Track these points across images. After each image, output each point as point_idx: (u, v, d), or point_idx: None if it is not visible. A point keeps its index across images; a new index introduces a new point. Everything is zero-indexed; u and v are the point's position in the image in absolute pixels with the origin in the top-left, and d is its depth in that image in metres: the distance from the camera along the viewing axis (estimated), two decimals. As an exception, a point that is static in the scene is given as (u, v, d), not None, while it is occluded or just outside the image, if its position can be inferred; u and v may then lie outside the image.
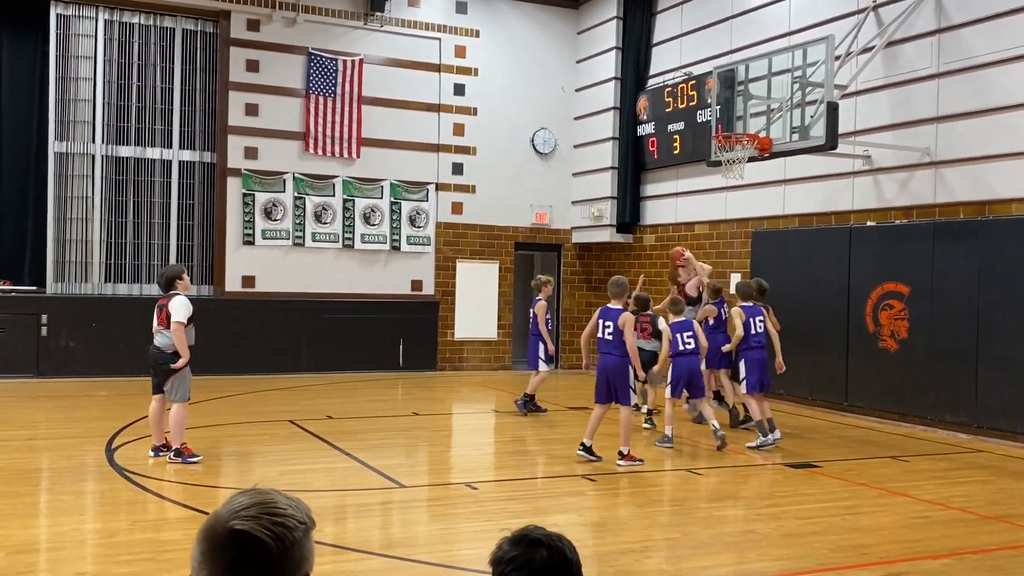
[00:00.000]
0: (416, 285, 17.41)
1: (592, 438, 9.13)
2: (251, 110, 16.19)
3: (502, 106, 17.93)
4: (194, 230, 16.36)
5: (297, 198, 16.45)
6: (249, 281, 16.21)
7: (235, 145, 16.11)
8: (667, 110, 16.48)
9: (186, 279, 8.86)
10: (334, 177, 16.74)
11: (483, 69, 17.80)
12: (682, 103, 16.13)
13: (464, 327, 17.72)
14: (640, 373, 9.35)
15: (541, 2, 18.28)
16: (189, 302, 8.64)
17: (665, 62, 16.86)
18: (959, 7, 11.61)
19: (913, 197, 12.19)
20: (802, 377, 13.34)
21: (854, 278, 12.67)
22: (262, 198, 16.22)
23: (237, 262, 16.14)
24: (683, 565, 5.98)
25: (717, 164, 12.62)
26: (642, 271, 16.65)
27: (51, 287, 15.45)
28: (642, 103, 17.16)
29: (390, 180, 17.13)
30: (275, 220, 16.32)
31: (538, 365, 12.38)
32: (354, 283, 16.89)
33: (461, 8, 17.65)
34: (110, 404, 12.26)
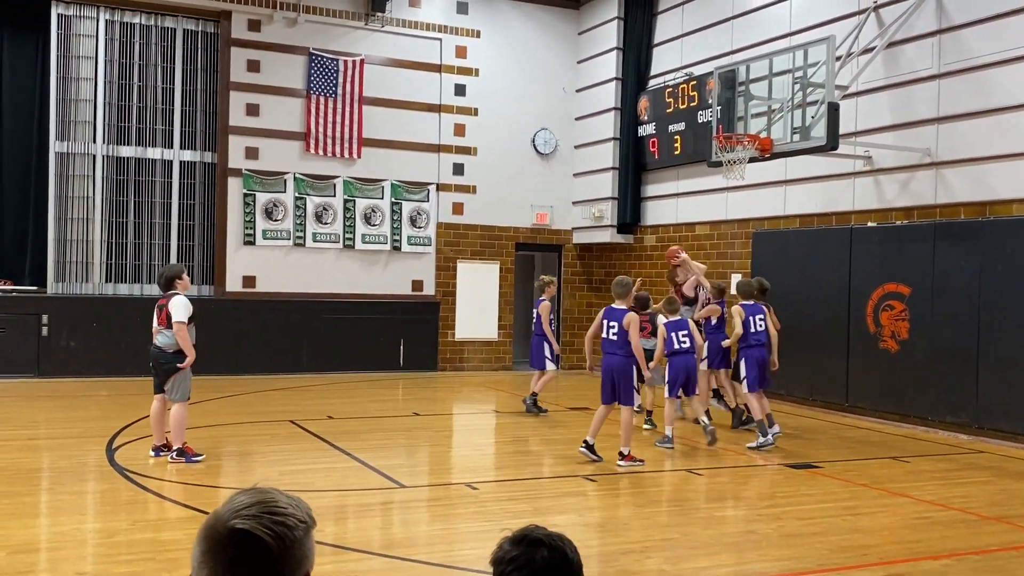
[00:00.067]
0: (417, 285, 17.42)
1: (595, 437, 9.14)
2: (252, 110, 16.20)
3: (503, 106, 17.93)
4: (195, 230, 16.37)
5: (298, 198, 16.45)
6: (250, 281, 16.22)
7: (236, 145, 16.12)
8: (668, 111, 16.48)
9: (186, 279, 8.88)
10: (335, 177, 16.74)
11: (484, 69, 17.80)
12: (683, 103, 16.13)
13: (465, 327, 17.72)
14: (646, 373, 9.37)
15: (542, 3, 18.29)
16: (189, 302, 8.65)
17: (666, 62, 16.86)
18: (960, 8, 11.61)
19: (914, 198, 12.19)
20: (803, 378, 13.35)
21: (855, 279, 12.67)
22: (263, 198, 16.23)
23: (238, 262, 16.15)
24: (683, 565, 5.97)
25: (718, 165, 12.62)
26: (643, 272, 16.67)
27: (52, 287, 15.47)
28: (643, 103, 17.16)
29: (391, 180, 17.13)
30: (276, 220, 16.33)
31: (544, 364, 12.40)
32: (355, 283, 16.89)
33: (462, 8, 17.66)
34: (110, 404, 12.26)
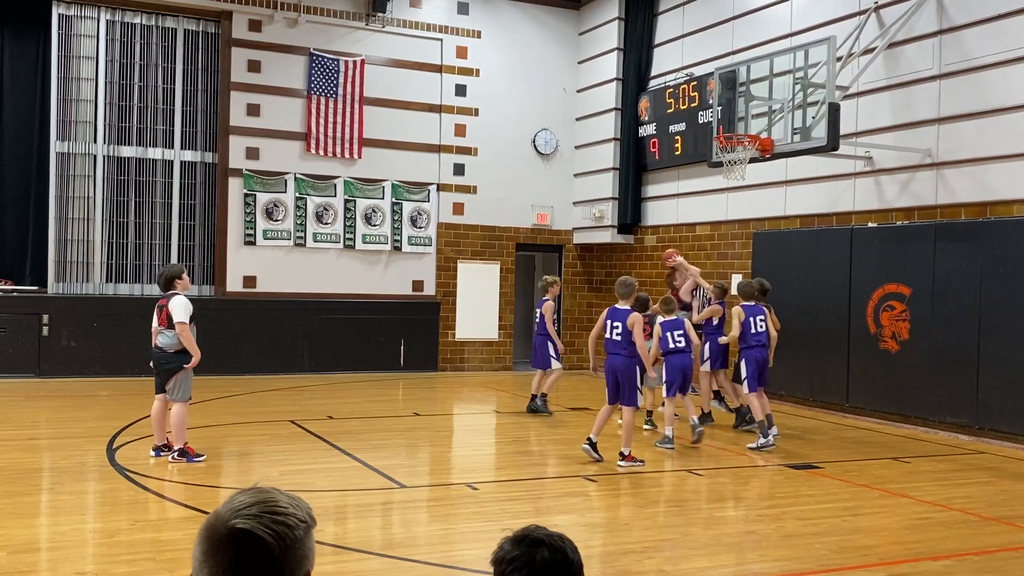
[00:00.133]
0: (417, 285, 17.42)
1: (598, 435, 9.15)
2: (253, 110, 16.20)
3: (503, 107, 17.93)
4: (195, 230, 16.37)
5: (298, 198, 16.45)
6: (250, 281, 16.22)
7: (236, 145, 16.12)
8: (668, 111, 16.48)
9: (185, 279, 8.88)
10: (335, 177, 16.74)
11: (484, 70, 17.80)
12: (683, 104, 16.12)
13: (465, 328, 17.72)
14: (651, 373, 9.38)
15: (542, 3, 18.29)
16: (189, 301, 8.66)
17: (666, 63, 16.86)
18: (960, 8, 11.60)
19: (914, 198, 12.19)
20: (803, 378, 13.36)
21: (855, 279, 12.67)
22: (263, 198, 16.23)
23: (238, 262, 16.15)
24: (684, 566, 5.97)
25: (718, 165, 12.62)
26: (643, 272, 16.68)
27: (52, 287, 15.47)
28: (643, 104, 17.16)
29: (391, 181, 17.14)
30: (276, 220, 16.33)
31: (549, 364, 12.41)
32: (355, 283, 16.89)
33: (463, 9, 17.66)
34: (111, 404, 12.26)
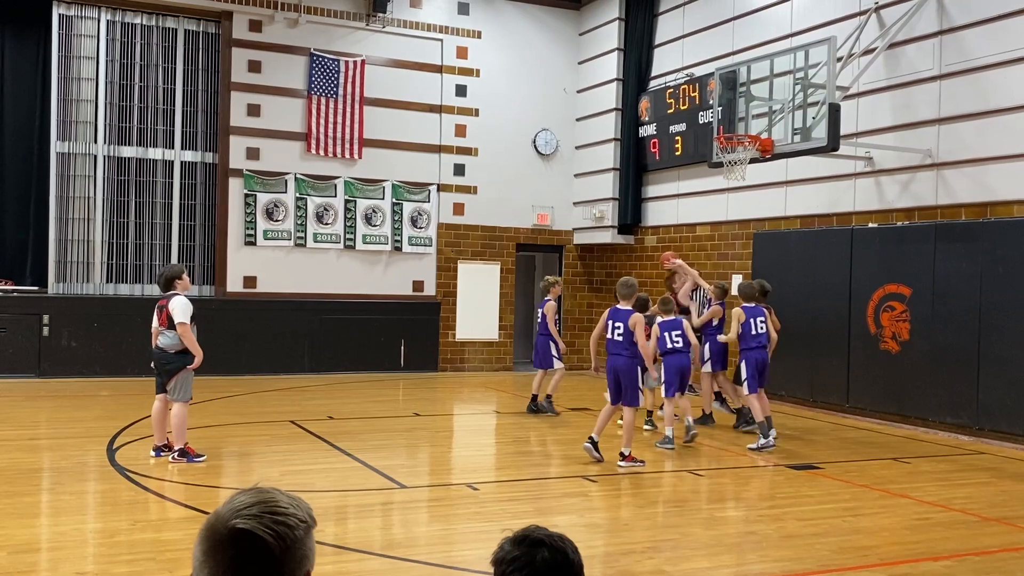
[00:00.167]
0: (417, 286, 17.42)
1: (599, 434, 9.16)
2: (253, 111, 16.20)
3: (504, 107, 17.93)
4: (196, 231, 16.37)
5: (299, 199, 16.45)
6: (251, 282, 16.22)
7: (237, 146, 16.12)
8: (669, 111, 16.48)
9: (185, 279, 8.88)
10: (336, 178, 16.74)
11: (485, 70, 17.80)
12: (684, 104, 16.12)
13: (465, 328, 17.72)
14: (653, 374, 9.41)
15: (543, 3, 18.29)
16: (189, 302, 8.66)
17: (667, 63, 16.86)
18: (961, 9, 11.61)
19: (915, 199, 12.19)
20: (804, 378, 13.36)
21: (855, 280, 12.67)
22: (264, 199, 16.23)
23: (239, 262, 16.15)
24: (684, 566, 5.97)
25: (719, 165, 12.62)
26: (643, 272, 16.67)
27: (53, 287, 15.47)
28: (644, 104, 17.16)
29: (392, 181, 17.14)
30: (277, 221, 16.33)
31: (552, 363, 12.42)
32: (355, 284, 16.89)
33: (463, 9, 17.66)
34: (111, 404, 12.26)
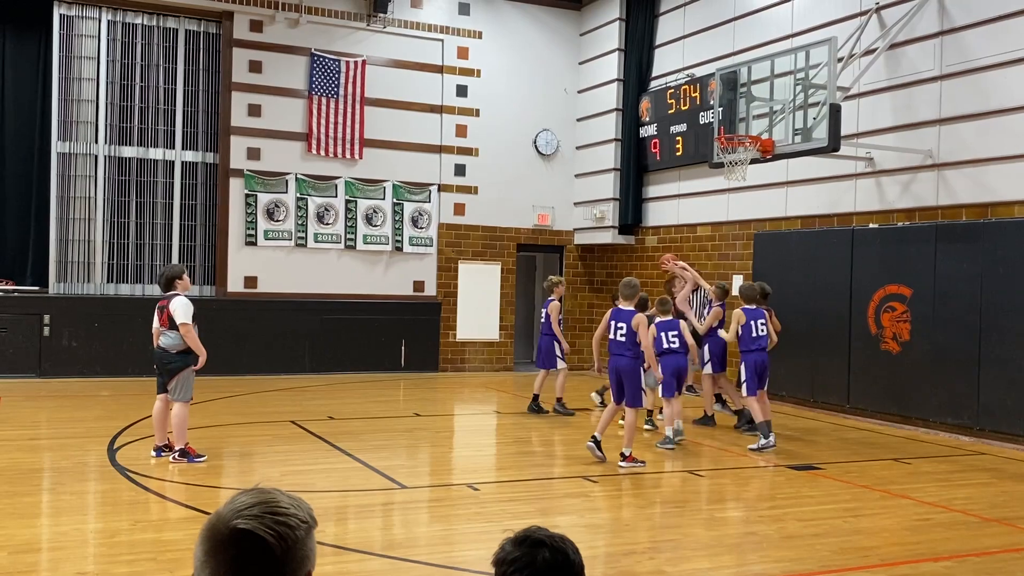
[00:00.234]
0: (418, 286, 17.42)
1: (602, 433, 9.17)
2: (254, 111, 16.20)
3: (504, 107, 17.94)
4: (196, 231, 16.38)
5: (299, 199, 16.46)
6: (251, 282, 16.23)
7: (238, 146, 16.13)
8: (669, 112, 16.48)
9: (186, 279, 8.88)
10: (336, 178, 16.75)
11: (486, 70, 17.81)
12: (684, 105, 16.12)
13: (466, 328, 17.72)
14: (657, 374, 9.41)
15: (544, 4, 18.29)
16: (189, 302, 8.66)
17: (668, 64, 16.86)
18: (961, 9, 11.60)
19: (915, 199, 12.19)
20: (804, 379, 13.36)
21: (856, 280, 12.66)
22: (264, 199, 16.23)
23: (239, 263, 16.16)
24: (685, 566, 5.97)
25: (719, 166, 12.62)
26: (644, 273, 16.67)
27: (53, 287, 15.47)
28: (644, 105, 17.16)
29: (392, 181, 17.14)
30: (277, 221, 16.33)
31: (555, 364, 12.42)
32: (356, 284, 16.89)
33: (464, 9, 17.66)
34: (112, 404, 12.27)
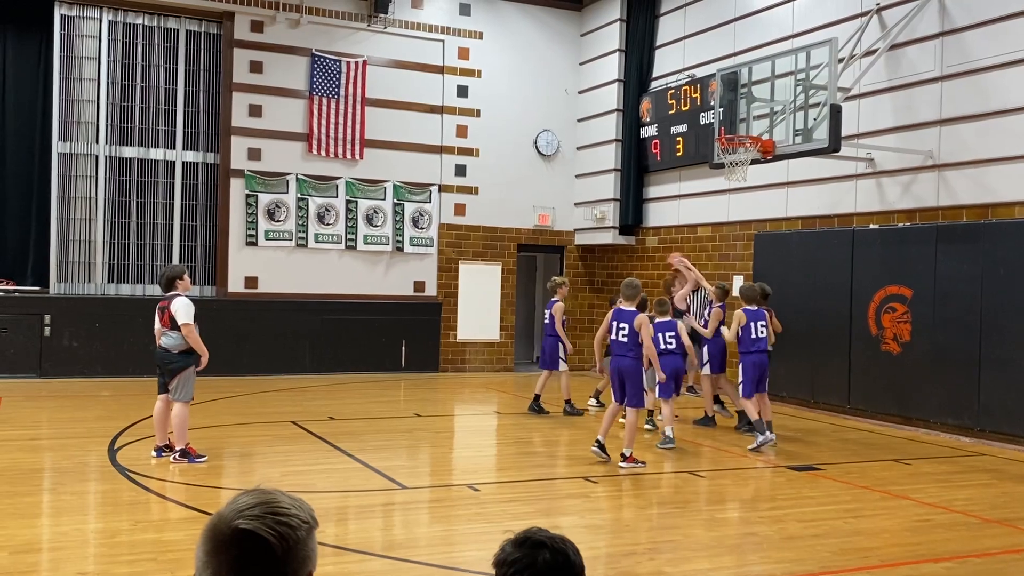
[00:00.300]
0: (419, 286, 17.42)
1: (605, 435, 9.17)
2: (254, 111, 16.21)
3: (505, 108, 17.94)
4: (197, 231, 16.38)
5: (300, 199, 16.46)
6: (252, 282, 16.23)
7: (238, 146, 16.13)
8: (670, 112, 16.48)
9: (186, 279, 8.88)
10: (337, 178, 16.75)
11: (486, 71, 17.81)
12: (685, 105, 16.12)
13: (466, 328, 17.72)
14: (660, 374, 9.43)
15: (544, 4, 18.29)
16: (190, 302, 8.66)
17: (668, 64, 16.86)
18: (962, 10, 11.60)
19: (916, 200, 12.19)
20: (805, 380, 13.35)
21: (857, 281, 12.66)
22: (265, 199, 16.23)
23: (240, 263, 16.16)
24: (685, 567, 5.97)
25: (720, 166, 12.62)
26: (644, 273, 16.67)
27: (54, 287, 15.48)
28: (645, 105, 17.16)
29: (393, 181, 17.14)
30: (278, 221, 16.33)
31: (558, 365, 12.43)
32: (357, 284, 16.89)
33: (464, 10, 17.66)
34: (113, 404, 12.27)
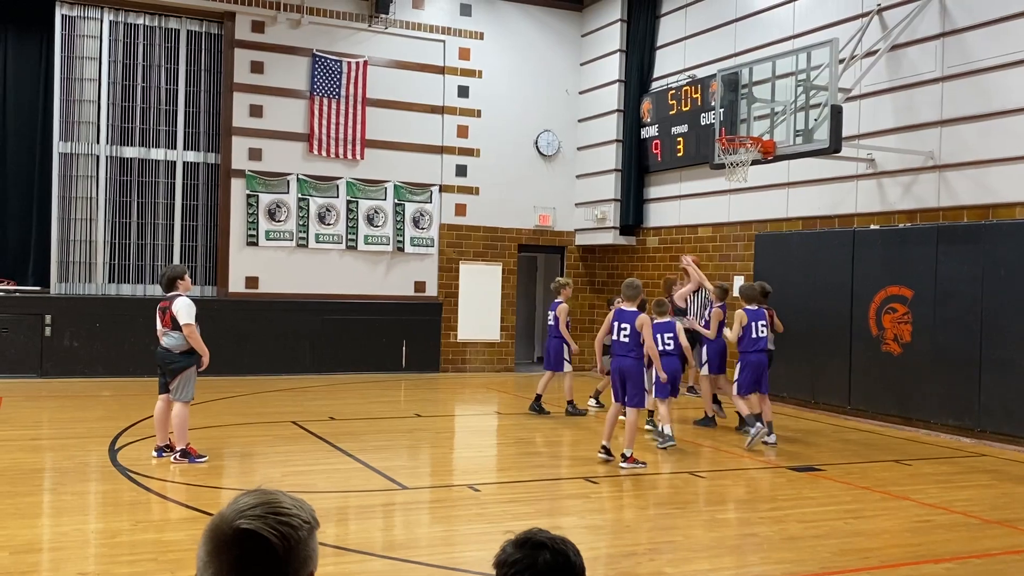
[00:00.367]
0: (419, 286, 17.42)
1: (610, 439, 9.17)
2: (255, 111, 16.21)
3: (506, 108, 17.94)
4: (198, 231, 16.38)
5: (301, 199, 16.46)
6: (253, 282, 16.24)
7: (239, 146, 16.14)
8: (671, 113, 16.48)
9: (187, 279, 8.89)
10: (338, 178, 16.75)
11: (487, 71, 17.81)
12: (686, 106, 16.12)
13: (467, 329, 17.72)
14: (662, 375, 9.45)
15: (545, 4, 18.30)
16: (191, 302, 8.67)
17: (669, 65, 16.86)
18: (963, 11, 11.60)
19: (917, 201, 12.19)
20: (805, 380, 13.35)
21: (857, 281, 12.66)
22: (266, 199, 16.24)
23: (241, 263, 16.17)
24: (685, 568, 5.97)
25: (720, 167, 12.62)
26: (645, 274, 16.68)
27: (55, 287, 15.48)
28: (646, 106, 17.16)
29: (394, 182, 17.14)
30: (279, 221, 16.34)
31: (563, 366, 12.43)
32: (357, 284, 16.90)
33: (465, 10, 17.67)
34: (113, 404, 12.27)
